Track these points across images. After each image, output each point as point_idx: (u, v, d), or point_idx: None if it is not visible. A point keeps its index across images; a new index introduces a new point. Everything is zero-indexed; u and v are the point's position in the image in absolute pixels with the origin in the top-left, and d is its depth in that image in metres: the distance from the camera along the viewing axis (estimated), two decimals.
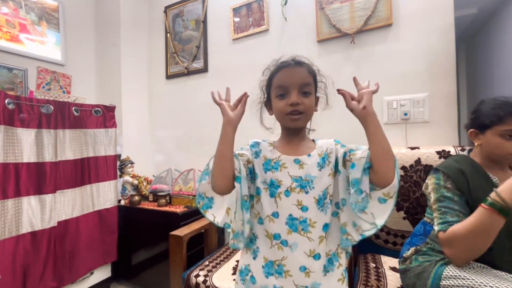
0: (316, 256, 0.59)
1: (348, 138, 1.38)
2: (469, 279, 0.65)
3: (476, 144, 0.82)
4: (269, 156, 0.65)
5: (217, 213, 0.64)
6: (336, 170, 0.63)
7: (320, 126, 0.76)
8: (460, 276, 0.66)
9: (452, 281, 0.67)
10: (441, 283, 0.68)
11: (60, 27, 1.82)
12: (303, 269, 0.58)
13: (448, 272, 0.69)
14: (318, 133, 0.75)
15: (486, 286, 0.61)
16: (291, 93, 0.62)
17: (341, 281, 0.62)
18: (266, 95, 0.72)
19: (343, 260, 0.63)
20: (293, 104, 0.61)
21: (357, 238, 0.60)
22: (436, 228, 0.74)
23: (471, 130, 0.83)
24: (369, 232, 0.58)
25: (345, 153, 0.62)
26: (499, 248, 0.69)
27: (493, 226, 0.62)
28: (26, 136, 1.24)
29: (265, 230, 0.61)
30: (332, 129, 1.42)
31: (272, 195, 0.62)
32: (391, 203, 0.56)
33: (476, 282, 0.63)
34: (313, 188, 0.61)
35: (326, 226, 0.60)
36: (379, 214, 0.56)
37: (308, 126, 0.71)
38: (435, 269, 0.72)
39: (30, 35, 1.68)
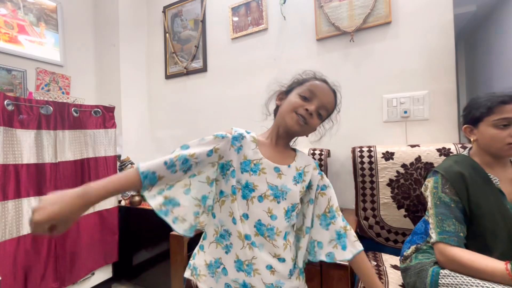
0: (281, 259, 0.62)
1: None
2: (467, 277, 0.64)
3: (472, 140, 0.81)
4: (250, 156, 0.64)
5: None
6: (306, 191, 0.69)
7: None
8: (458, 274, 0.66)
9: (451, 279, 0.66)
10: (440, 281, 0.68)
11: (58, 28, 1.82)
12: (269, 267, 0.61)
13: (446, 271, 0.69)
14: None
15: (484, 284, 0.61)
16: (313, 103, 0.64)
17: (297, 279, 0.67)
18: (289, 87, 0.71)
19: (299, 262, 0.69)
20: (308, 110, 0.63)
21: (312, 259, 0.69)
22: (433, 236, 0.74)
23: (465, 126, 0.82)
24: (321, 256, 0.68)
25: (318, 186, 0.69)
26: (500, 251, 0.69)
27: (498, 280, 0.62)
28: (26, 137, 1.24)
29: (238, 231, 0.61)
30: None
31: (244, 197, 0.62)
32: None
33: (475, 280, 0.63)
34: (285, 199, 0.63)
35: (286, 234, 0.64)
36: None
37: (293, 140, 0.74)
38: (434, 267, 0.72)
39: (29, 36, 1.68)
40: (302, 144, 1.48)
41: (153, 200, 0.57)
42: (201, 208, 0.63)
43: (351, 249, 0.65)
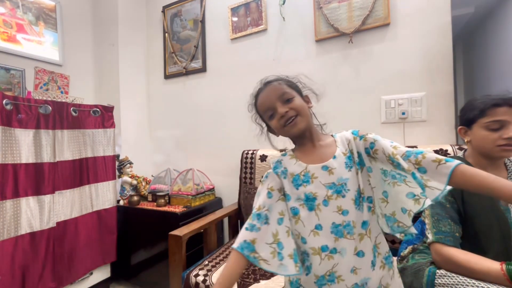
0: (360, 254, 0.59)
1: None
2: (463, 277, 0.65)
3: (466, 141, 0.83)
4: (296, 170, 0.64)
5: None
6: (361, 166, 0.63)
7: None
8: (454, 274, 0.67)
9: (447, 279, 0.67)
10: (436, 281, 0.69)
11: (57, 27, 1.82)
12: (352, 270, 0.59)
13: (442, 271, 0.70)
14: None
15: (479, 284, 0.62)
16: (277, 108, 0.64)
17: (381, 268, 0.62)
18: (264, 125, 0.74)
19: (382, 249, 0.63)
20: (283, 116, 0.63)
21: (408, 223, 0.57)
22: (430, 236, 0.75)
23: (460, 127, 0.85)
24: (420, 206, 0.54)
25: (366, 149, 0.62)
26: (494, 251, 0.70)
27: (493, 280, 0.62)
28: (24, 137, 1.24)
29: (311, 248, 0.60)
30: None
31: (311, 209, 0.61)
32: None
33: (471, 280, 0.64)
34: (348, 190, 0.60)
35: (364, 224, 0.60)
36: (435, 175, 0.52)
37: (316, 122, 0.71)
38: (430, 267, 0.73)
39: (28, 35, 1.68)
40: None
41: (287, 269, 0.58)
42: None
43: (438, 178, 0.52)
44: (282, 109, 0.63)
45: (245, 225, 0.61)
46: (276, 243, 0.60)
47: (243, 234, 0.60)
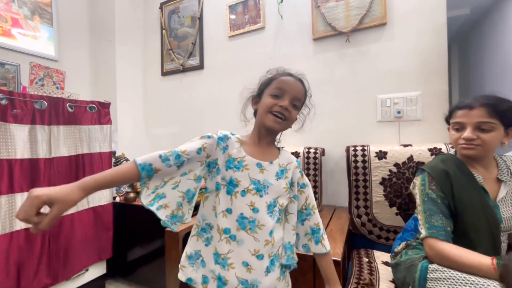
0: (260, 257, 0.63)
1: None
2: (454, 272, 0.67)
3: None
4: (234, 154, 0.67)
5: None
6: (290, 188, 0.71)
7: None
8: (446, 269, 0.69)
9: (439, 273, 0.69)
10: (428, 275, 0.71)
11: (53, 22, 1.80)
12: (246, 264, 0.62)
13: (434, 265, 0.71)
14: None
15: (470, 278, 0.64)
16: (285, 98, 0.67)
17: (279, 279, 0.67)
18: (259, 91, 0.74)
19: (284, 261, 0.70)
20: (282, 107, 0.66)
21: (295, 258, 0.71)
22: (423, 231, 0.77)
23: (448, 127, 0.91)
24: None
25: (298, 184, 0.73)
26: (483, 246, 0.72)
27: (483, 274, 0.64)
28: (20, 132, 1.23)
29: (217, 225, 0.64)
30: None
31: (229, 192, 0.65)
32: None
33: (462, 274, 0.65)
34: (267, 193, 0.66)
35: (271, 232, 0.65)
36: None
37: (277, 136, 0.76)
38: (423, 262, 0.75)
39: (23, 30, 1.66)
40: (296, 142, 1.49)
41: (146, 199, 0.60)
42: (184, 200, 0.64)
43: (325, 244, 0.73)
44: (287, 104, 0.66)
45: (161, 152, 0.61)
46: (157, 185, 0.61)
47: (153, 159, 0.59)
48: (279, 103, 0.66)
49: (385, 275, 0.97)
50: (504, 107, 0.75)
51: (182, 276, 0.68)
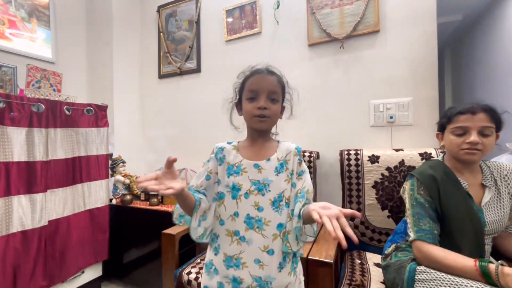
0: (270, 252, 0.66)
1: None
2: (441, 273, 0.70)
3: (440, 145, 0.91)
4: (231, 161, 0.71)
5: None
6: (291, 178, 0.70)
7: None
8: (432, 270, 0.72)
9: (426, 275, 0.72)
10: (416, 277, 0.74)
11: (50, 24, 1.80)
12: (257, 261, 0.65)
13: (422, 267, 0.74)
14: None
15: (455, 279, 0.67)
16: (260, 98, 0.68)
17: (290, 274, 0.69)
18: (238, 97, 0.77)
19: (293, 244, 0.68)
20: (260, 108, 0.67)
21: (294, 248, 0.67)
22: (411, 234, 0.80)
23: (437, 133, 0.92)
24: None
25: (296, 172, 0.71)
26: (467, 248, 0.75)
27: (467, 276, 0.67)
28: (17, 135, 1.24)
29: (226, 230, 0.68)
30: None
31: (234, 197, 0.68)
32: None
33: (447, 276, 0.68)
34: (269, 190, 0.68)
35: (280, 226, 0.67)
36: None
37: (273, 130, 0.77)
38: (411, 264, 0.78)
39: (20, 32, 1.66)
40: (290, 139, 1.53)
41: (195, 232, 0.68)
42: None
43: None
44: (264, 103, 0.67)
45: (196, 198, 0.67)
46: (202, 215, 0.68)
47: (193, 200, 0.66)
48: (256, 105, 0.67)
49: (376, 276, 1.00)
50: (498, 112, 0.79)
51: (203, 283, 0.74)
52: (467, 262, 0.68)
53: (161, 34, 2.05)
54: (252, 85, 0.70)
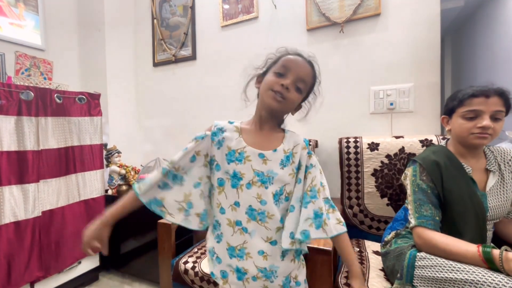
0: (273, 242, 0.64)
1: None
2: (441, 259, 0.68)
3: (447, 129, 0.87)
4: (233, 146, 0.65)
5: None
6: (297, 172, 0.66)
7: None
8: (433, 257, 0.70)
9: (426, 261, 0.70)
10: (416, 263, 0.72)
11: (39, 10, 1.73)
12: (261, 253, 0.63)
13: (422, 253, 0.73)
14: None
15: (456, 265, 0.65)
16: (288, 77, 0.63)
17: (293, 261, 0.67)
18: (265, 69, 0.70)
19: (285, 241, 0.65)
20: (283, 86, 0.62)
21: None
22: (412, 221, 0.78)
23: (443, 116, 0.88)
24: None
25: (306, 166, 0.67)
26: (469, 234, 0.74)
27: (469, 261, 0.65)
28: (6, 124, 1.19)
29: (227, 219, 0.65)
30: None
31: (234, 186, 0.64)
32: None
33: (449, 261, 0.67)
34: (272, 184, 0.63)
35: (281, 219, 0.65)
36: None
37: (284, 120, 0.73)
38: (411, 251, 0.76)
39: (7, 18, 1.59)
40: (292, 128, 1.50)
41: (177, 220, 0.66)
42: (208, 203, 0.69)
43: (326, 229, 0.62)
44: (289, 83, 0.62)
45: (157, 180, 0.65)
46: (186, 202, 0.65)
47: (154, 191, 0.65)
48: (281, 81, 0.62)
49: (375, 264, 0.99)
50: (509, 97, 0.76)
51: (209, 269, 0.72)
52: (470, 248, 0.66)
53: (154, 20, 1.98)
54: (288, 61, 0.64)
